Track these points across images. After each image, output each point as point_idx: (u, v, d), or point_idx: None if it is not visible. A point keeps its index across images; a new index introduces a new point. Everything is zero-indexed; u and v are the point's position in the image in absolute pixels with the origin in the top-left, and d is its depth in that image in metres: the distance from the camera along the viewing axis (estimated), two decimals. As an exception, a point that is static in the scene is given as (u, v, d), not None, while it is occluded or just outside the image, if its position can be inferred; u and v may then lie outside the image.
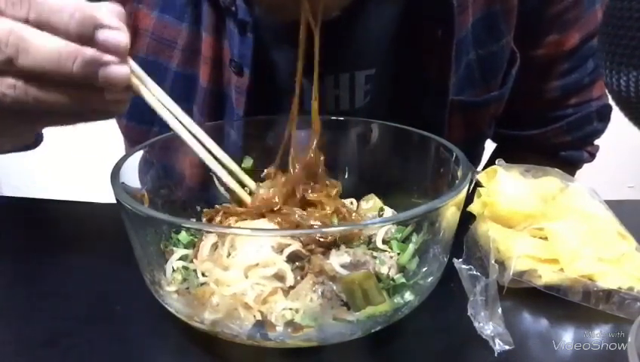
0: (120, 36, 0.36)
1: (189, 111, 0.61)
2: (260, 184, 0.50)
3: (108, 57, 0.36)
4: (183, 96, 0.60)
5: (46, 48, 0.35)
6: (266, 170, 0.52)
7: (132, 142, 0.66)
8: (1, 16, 0.35)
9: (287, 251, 0.41)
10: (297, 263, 0.41)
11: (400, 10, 0.59)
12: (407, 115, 0.54)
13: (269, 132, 0.57)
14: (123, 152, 0.46)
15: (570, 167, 0.76)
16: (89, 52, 0.35)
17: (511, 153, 0.74)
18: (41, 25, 0.35)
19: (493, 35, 0.63)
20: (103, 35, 0.35)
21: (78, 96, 0.37)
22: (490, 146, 0.79)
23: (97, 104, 0.38)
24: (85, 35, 0.35)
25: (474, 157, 0.73)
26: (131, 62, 0.39)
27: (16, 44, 0.34)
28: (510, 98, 0.68)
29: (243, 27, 0.56)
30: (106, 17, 0.36)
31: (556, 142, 0.74)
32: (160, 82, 0.61)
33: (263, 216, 0.47)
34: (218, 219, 0.48)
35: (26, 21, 0.35)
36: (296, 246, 0.41)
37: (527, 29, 0.64)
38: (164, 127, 0.61)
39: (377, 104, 0.62)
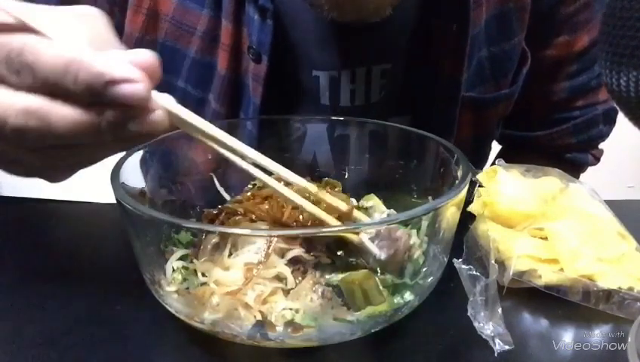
0: (135, 88, 0.31)
1: (203, 100, 0.61)
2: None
3: (134, 110, 0.32)
4: (198, 83, 0.60)
5: (67, 120, 0.31)
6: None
7: None
8: (7, 89, 0.32)
9: (289, 255, 0.41)
10: (300, 267, 0.41)
11: (418, 5, 0.59)
12: (419, 110, 0.54)
13: (282, 132, 0.57)
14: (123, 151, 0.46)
15: (574, 169, 0.76)
16: (110, 116, 0.32)
17: (516, 155, 0.74)
18: (52, 90, 0.31)
19: (506, 33, 0.63)
20: (115, 91, 0.31)
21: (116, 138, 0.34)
22: (495, 148, 0.79)
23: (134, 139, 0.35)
24: (98, 96, 0.31)
25: (481, 157, 0.73)
26: (166, 98, 0.34)
27: (38, 124, 0.31)
28: (518, 98, 0.68)
29: (263, 13, 0.56)
30: (116, 67, 0.31)
31: (562, 144, 0.74)
32: (177, 68, 0.61)
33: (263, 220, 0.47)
34: (221, 218, 0.48)
35: (34, 89, 0.31)
36: (297, 251, 0.41)
37: (538, 29, 0.64)
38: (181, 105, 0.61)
39: (391, 99, 0.62)
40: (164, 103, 0.34)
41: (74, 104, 0.32)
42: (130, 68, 0.31)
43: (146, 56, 0.32)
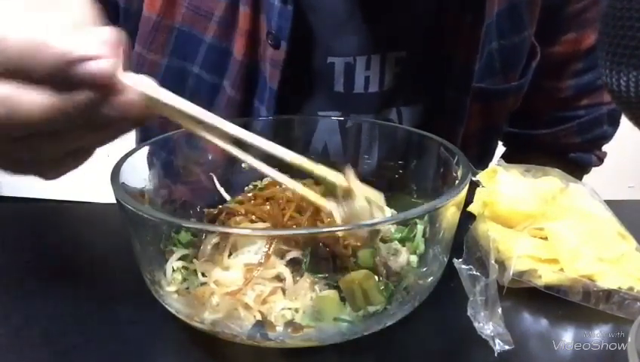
0: (99, 65, 0.30)
1: (218, 86, 0.62)
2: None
3: (103, 91, 0.31)
4: (214, 69, 0.61)
5: (37, 105, 0.30)
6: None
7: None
8: None
9: (288, 256, 0.41)
10: (300, 268, 0.41)
11: None
12: (431, 98, 0.54)
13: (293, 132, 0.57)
14: (123, 150, 0.46)
15: (578, 169, 0.76)
16: (79, 98, 0.31)
17: (520, 154, 0.74)
18: (20, 77, 0.30)
19: (516, 26, 0.63)
20: (80, 70, 0.30)
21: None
22: (501, 149, 0.80)
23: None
24: (65, 78, 0.30)
25: (487, 152, 0.73)
26: (143, 79, 0.33)
27: (9, 111, 0.30)
28: (524, 95, 0.68)
29: None
30: (78, 46, 0.30)
31: (566, 143, 0.74)
32: (192, 54, 0.62)
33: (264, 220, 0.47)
34: (221, 218, 0.48)
35: (2, 77, 0.30)
36: (297, 252, 0.41)
37: (546, 25, 0.65)
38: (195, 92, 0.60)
39: (403, 87, 0.63)
40: (139, 84, 0.32)
41: (43, 89, 0.31)
42: (93, 46, 0.30)
43: (110, 34, 0.31)
